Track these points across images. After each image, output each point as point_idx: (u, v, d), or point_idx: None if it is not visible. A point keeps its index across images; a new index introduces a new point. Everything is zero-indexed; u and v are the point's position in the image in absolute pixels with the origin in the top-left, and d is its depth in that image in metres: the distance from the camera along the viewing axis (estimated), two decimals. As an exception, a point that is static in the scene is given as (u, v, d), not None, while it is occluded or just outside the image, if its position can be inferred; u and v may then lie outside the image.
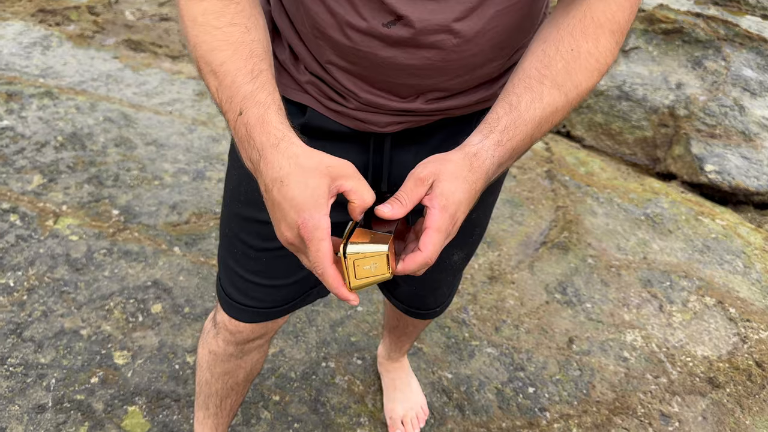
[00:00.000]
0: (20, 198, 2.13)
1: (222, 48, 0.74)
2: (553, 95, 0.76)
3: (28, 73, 2.80)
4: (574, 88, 0.77)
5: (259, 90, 0.72)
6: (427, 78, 0.85)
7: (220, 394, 1.27)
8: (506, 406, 1.71)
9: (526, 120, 0.76)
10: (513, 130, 0.75)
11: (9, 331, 1.71)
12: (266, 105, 0.72)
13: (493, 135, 0.75)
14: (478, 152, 0.74)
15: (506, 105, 0.76)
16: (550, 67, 0.76)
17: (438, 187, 0.70)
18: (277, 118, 0.72)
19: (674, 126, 2.95)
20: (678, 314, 2.03)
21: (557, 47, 0.77)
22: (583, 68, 0.77)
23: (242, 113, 0.72)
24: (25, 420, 1.52)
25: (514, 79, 0.78)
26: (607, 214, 2.41)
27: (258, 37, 0.76)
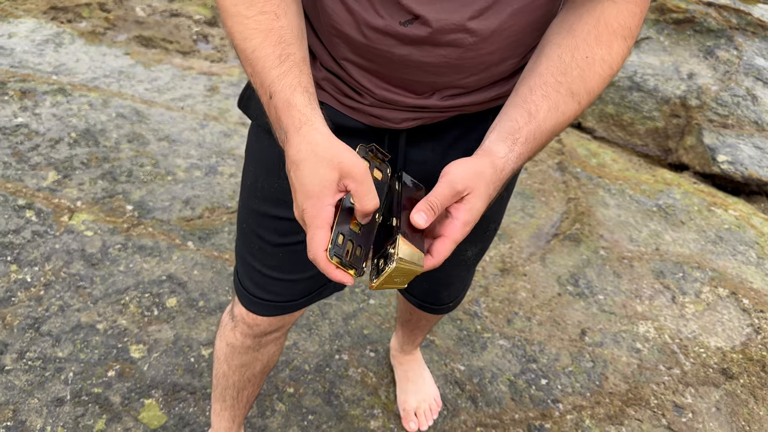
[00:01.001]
0: (36, 194, 2.15)
1: (253, 36, 0.76)
2: (569, 104, 0.79)
3: (41, 71, 2.82)
4: (586, 95, 0.79)
5: (286, 74, 0.74)
6: (442, 75, 0.86)
7: (237, 386, 1.29)
8: (519, 398, 1.71)
9: (544, 131, 0.78)
10: (532, 141, 0.78)
11: (27, 326, 1.74)
12: (292, 88, 0.74)
13: (517, 147, 0.77)
14: (504, 166, 0.76)
15: (525, 114, 0.78)
16: (566, 75, 0.78)
17: (469, 201, 0.73)
18: (303, 101, 0.74)
19: (686, 116, 2.93)
20: (691, 305, 2.02)
21: (573, 54, 0.78)
22: (596, 75, 0.79)
23: (272, 97, 0.75)
24: (44, 413, 1.55)
25: (531, 82, 0.79)
26: (619, 205, 2.40)
27: (288, 23, 0.77)
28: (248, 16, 0.76)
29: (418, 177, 1.00)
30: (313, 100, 0.75)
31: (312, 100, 0.74)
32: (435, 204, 0.72)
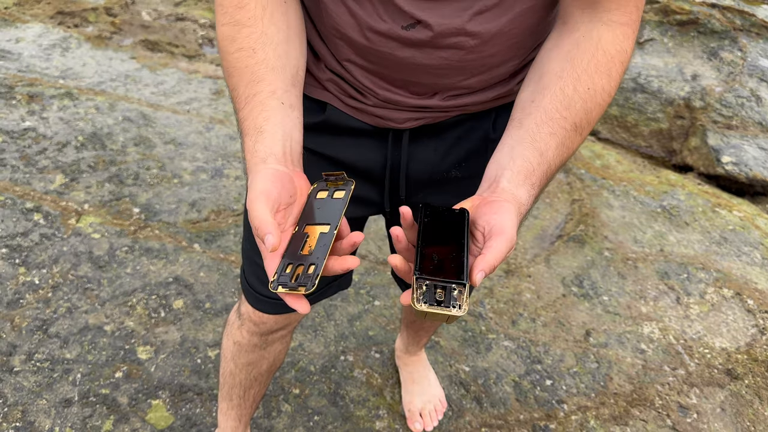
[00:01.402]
0: (43, 197, 2.17)
1: (232, 74, 0.80)
2: (573, 139, 0.79)
3: (48, 75, 2.84)
4: (587, 126, 0.80)
5: (246, 117, 0.78)
6: (444, 77, 0.87)
7: (244, 385, 1.30)
8: (524, 399, 1.72)
9: (553, 170, 0.79)
10: (545, 180, 0.79)
11: (35, 328, 1.75)
12: (246, 133, 0.77)
13: (534, 191, 0.77)
14: (525, 212, 0.76)
15: (537, 154, 0.77)
16: (570, 109, 0.78)
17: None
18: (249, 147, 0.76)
19: (690, 118, 2.93)
20: (695, 306, 2.03)
21: (575, 87, 0.78)
22: (597, 106, 0.80)
23: (240, 136, 0.80)
24: (53, 414, 1.56)
25: (537, 118, 0.79)
26: (623, 206, 2.40)
27: (264, 56, 0.79)
28: (230, 52, 0.79)
29: (420, 175, 1.01)
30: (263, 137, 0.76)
31: (258, 140, 0.76)
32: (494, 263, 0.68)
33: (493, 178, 0.78)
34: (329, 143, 0.97)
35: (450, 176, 1.02)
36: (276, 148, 0.75)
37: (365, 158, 0.98)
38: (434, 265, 0.67)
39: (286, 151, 0.76)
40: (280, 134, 0.76)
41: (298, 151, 0.80)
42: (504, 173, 0.77)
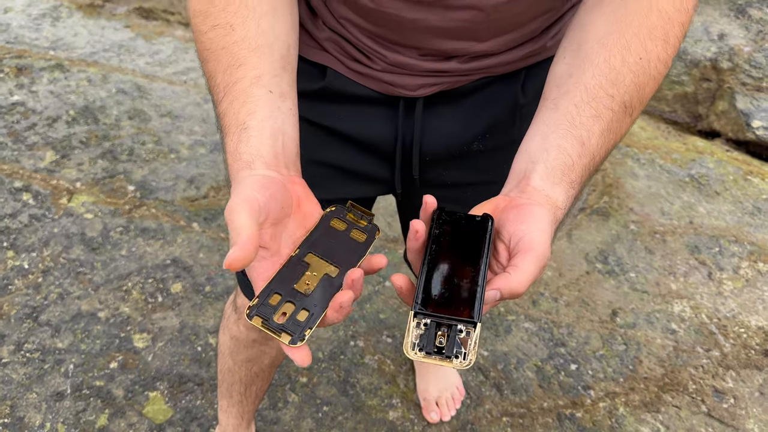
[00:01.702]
0: (33, 176, 2.05)
1: (207, 58, 0.64)
2: (622, 122, 0.64)
3: (38, 46, 2.70)
4: (639, 105, 0.64)
5: (226, 111, 0.62)
6: (461, 41, 0.74)
7: (245, 382, 1.19)
8: (547, 385, 1.60)
9: (597, 162, 0.63)
10: (587, 177, 0.63)
11: (25, 315, 1.65)
12: (226, 131, 0.62)
13: (573, 190, 0.62)
14: (562, 215, 0.61)
15: (577, 143, 0.62)
16: (618, 85, 0.62)
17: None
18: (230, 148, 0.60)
19: (717, 80, 2.77)
20: (729, 282, 1.89)
21: (623, 57, 0.62)
22: (652, 79, 0.64)
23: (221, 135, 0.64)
24: (43, 408, 1.46)
25: (576, 98, 0.63)
26: (649, 176, 2.26)
27: (245, 33, 0.63)
28: (203, 31, 0.64)
29: (436, 149, 0.87)
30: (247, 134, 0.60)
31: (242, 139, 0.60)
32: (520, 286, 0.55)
33: (523, 174, 0.62)
34: (330, 113, 0.84)
35: (472, 150, 0.88)
36: (264, 149, 0.59)
37: (372, 130, 0.85)
38: (440, 295, 0.53)
39: (277, 152, 0.60)
40: (268, 131, 0.60)
41: (294, 151, 0.63)
42: (536, 168, 0.61)
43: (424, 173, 0.89)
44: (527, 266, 0.54)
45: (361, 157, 0.88)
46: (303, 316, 0.54)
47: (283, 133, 0.62)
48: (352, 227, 0.62)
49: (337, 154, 0.88)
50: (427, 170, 0.89)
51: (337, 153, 0.88)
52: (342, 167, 0.89)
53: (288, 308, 0.54)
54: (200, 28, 0.64)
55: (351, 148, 0.87)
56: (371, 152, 0.87)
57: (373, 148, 0.86)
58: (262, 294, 0.55)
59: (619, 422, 1.53)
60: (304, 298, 0.55)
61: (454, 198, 0.95)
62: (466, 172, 0.91)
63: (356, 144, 0.86)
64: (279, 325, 0.53)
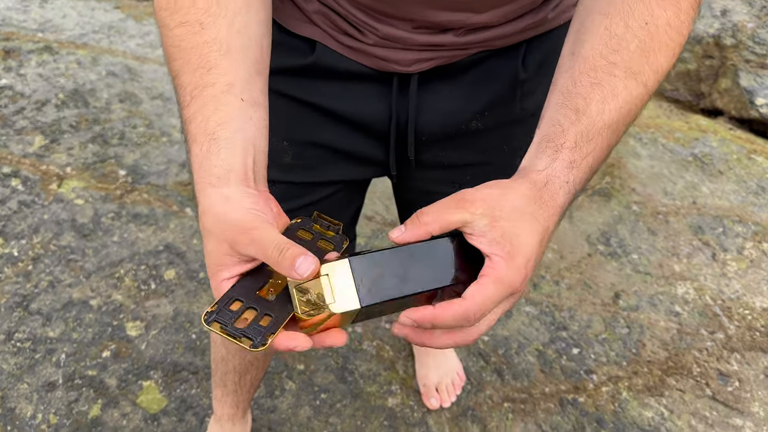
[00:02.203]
0: (21, 161, 2.00)
1: (174, 57, 0.58)
2: (630, 87, 0.57)
3: (25, 28, 2.64)
4: (653, 73, 0.57)
5: (193, 118, 0.56)
6: (457, 12, 0.69)
7: (239, 371, 1.16)
8: (549, 369, 1.58)
9: (601, 127, 0.56)
10: (587, 144, 0.56)
11: (15, 304, 1.61)
12: (192, 139, 0.56)
13: (563, 154, 0.55)
14: (549, 180, 0.55)
15: (570, 111, 0.56)
16: (621, 51, 0.57)
17: (497, 227, 0.51)
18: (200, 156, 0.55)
19: (720, 57, 2.71)
20: (733, 263, 1.86)
21: (626, 23, 0.57)
22: (663, 46, 0.57)
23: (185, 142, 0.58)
24: (35, 399, 1.43)
25: (573, 70, 0.58)
26: (651, 155, 2.22)
27: (216, 33, 0.57)
28: (169, 27, 0.58)
29: (432, 128, 0.83)
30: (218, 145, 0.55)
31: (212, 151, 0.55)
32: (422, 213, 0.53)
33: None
34: (320, 90, 0.79)
35: (470, 129, 0.84)
36: (236, 163, 0.54)
37: (365, 109, 0.80)
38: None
39: (247, 166, 0.55)
40: (240, 143, 0.55)
41: (263, 164, 0.58)
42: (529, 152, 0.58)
43: (420, 154, 0.85)
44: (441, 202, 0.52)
45: (354, 137, 0.84)
46: (266, 321, 0.51)
47: (254, 145, 0.57)
48: (319, 237, 0.60)
49: (328, 135, 0.83)
50: (423, 150, 0.85)
51: (328, 133, 0.83)
52: (334, 148, 0.85)
53: (250, 314, 0.52)
54: (167, 23, 0.58)
55: (343, 128, 0.82)
56: (364, 132, 0.83)
57: (366, 127, 0.82)
58: (221, 301, 0.52)
59: (622, 406, 1.50)
60: (266, 304, 0.52)
61: (452, 179, 0.91)
62: (463, 152, 0.87)
63: (348, 123, 0.82)
64: (239, 330, 0.51)
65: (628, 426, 1.47)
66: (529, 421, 1.47)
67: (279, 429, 1.42)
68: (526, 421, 1.47)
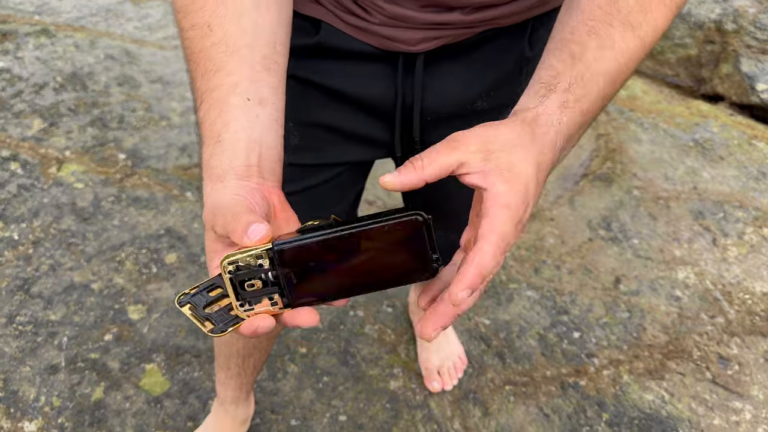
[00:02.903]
0: (20, 144, 1.99)
1: (189, 59, 0.59)
2: (627, 39, 0.56)
3: (22, 11, 2.61)
4: (651, 29, 0.57)
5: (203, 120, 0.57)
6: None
7: (242, 354, 1.16)
8: (550, 353, 1.58)
9: (596, 73, 0.55)
10: (581, 87, 0.55)
11: (16, 287, 1.61)
12: (202, 140, 0.57)
13: (554, 95, 0.54)
14: (537, 116, 0.53)
15: (566, 56, 0.56)
16: (618, 3, 0.56)
17: (492, 159, 0.50)
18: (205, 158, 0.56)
19: (721, 42, 2.70)
20: (733, 248, 1.86)
21: None
22: (660, 4, 0.57)
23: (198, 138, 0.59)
24: (38, 381, 1.43)
25: (571, 22, 0.58)
26: (652, 141, 2.21)
27: (223, 35, 0.57)
28: (184, 29, 0.58)
29: (438, 108, 0.82)
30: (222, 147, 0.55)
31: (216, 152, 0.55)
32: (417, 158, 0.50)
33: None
34: (325, 70, 0.78)
35: (476, 108, 0.83)
36: (237, 163, 0.54)
37: (370, 89, 0.79)
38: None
39: (251, 164, 0.55)
40: (243, 143, 0.55)
41: (273, 159, 0.57)
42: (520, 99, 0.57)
43: (425, 134, 0.84)
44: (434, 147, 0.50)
45: (359, 117, 0.83)
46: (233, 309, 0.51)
47: (260, 143, 0.56)
48: None
49: (332, 115, 0.83)
50: (428, 131, 0.84)
51: (332, 113, 0.83)
52: (338, 129, 0.84)
53: (225, 302, 0.52)
54: (182, 26, 0.58)
55: (347, 108, 0.82)
56: (369, 112, 0.82)
57: (371, 107, 0.81)
58: (203, 285, 0.52)
59: (623, 390, 1.51)
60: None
61: None
62: None
63: (353, 103, 0.81)
64: (206, 314, 0.51)
65: (629, 409, 1.47)
66: (531, 404, 1.48)
67: (282, 412, 1.43)
68: (527, 404, 1.48)
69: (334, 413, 1.43)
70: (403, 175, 0.50)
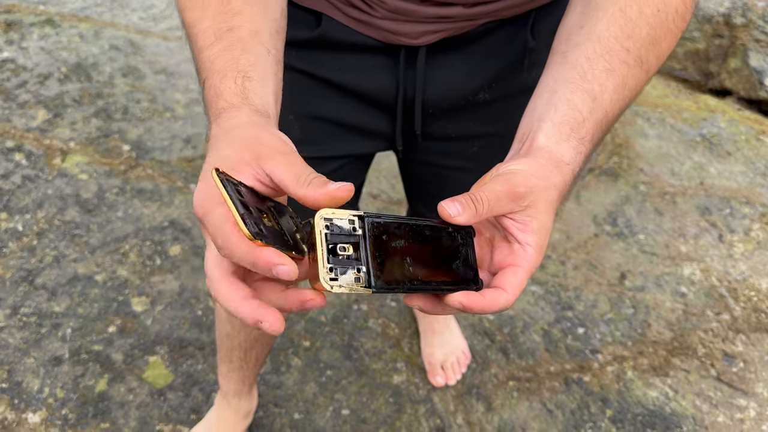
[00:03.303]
0: (25, 135, 1.99)
1: (191, 6, 0.57)
2: (637, 77, 0.58)
3: (27, 0, 2.60)
4: (656, 60, 0.59)
5: (220, 54, 0.54)
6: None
7: (244, 347, 1.15)
8: (554, 349, 1.58)
9: (610, 119, 0.58)
10: (599, 135, 0.57)
11: (20, 279, 1.61)
12: (222, 73, 0.53)
13: (583, 147, 0.56)
14: (573, 171, 0.55)
15: (588, 97, 0.56)
16: (634, 38, 0.57)
17: (537, 219, 0.51)
18: (232, 89, 0.52)
19: (730, 36, 2.67)
20: (740, 244, 1.85)
21: (640, 8, 0.57)
22: (669, 33, 0.58)
23: (204, 83, 0.55)
24: (42, 373, 1.43)
25: (588, 50, 0.57)
26: (659, 135, 2.20)
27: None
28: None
29: (439, 100, 0.81)
30: (253, 85, 0.53)
31: (247, 87, 0.53)
32: (480, 198, 0.49)
33: (528, 132, 0.56)
34: (326, 62, 0.78)
35: (477, 100, 0.83)
36: (272, 106, 0.52)
37: (372, 81, 0.79)
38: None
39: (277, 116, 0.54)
40: (272, 90, 0.53)
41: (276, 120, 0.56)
42: (542, 126, 0.56)
43: (427, 126, 0.84)
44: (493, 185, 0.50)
45: (360, 109, 0.82)
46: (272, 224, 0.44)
47: (279, 102, 0.55)
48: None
49: (334, 108, 0.82)
50: (430, 123, 0.84)
51: (334, 106, 0.82)
52: (339, 121, 0.84)
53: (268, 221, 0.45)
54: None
55: (349, 101, 0.81)
56: (370, 104, 0.82)
57: (372, 100, 0.81)
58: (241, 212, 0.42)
59: (627, 386, 1.51)
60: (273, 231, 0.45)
61: (458, 152, 0.90)
62: (471, 124, 0.86)
63: (354, 96, 0.81)
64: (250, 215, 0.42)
65: (633, 405, 1.47)
66: (534, 399, 1.47)
67: (285, 405, 1.43)
68: (531, 400, 1.47)
69: (337, 407, 1.43)
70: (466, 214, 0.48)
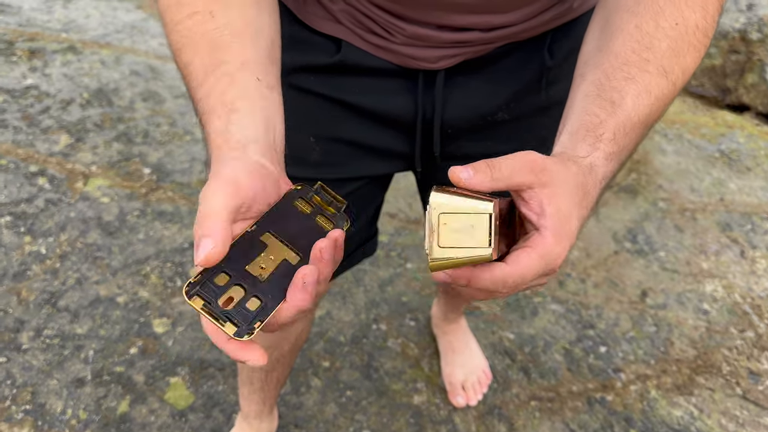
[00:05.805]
0: (48, 160, 2.02)
1: (184, 49, 0.57)
2: (662, 85, 0.56)
3: (50, 28, 2.67)
4: (681, 73, 0.57)
5: (209, 93, 0.55)
6: (480, 14, 0.69)
7: (265, 368, 1.16)
8: (576, 368, 1.56)
9: (635, 122, 0.55)
10: (623, 138, 0.54)
11: (43, 301, 1.63)
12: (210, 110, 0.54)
13: (603, 145, 0.53)
14: (592, 168, 0.52)
15: (606, 103, 0.55)
16: (653, 49, 0.56)
17: (554, 202, 0.48)
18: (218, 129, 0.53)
19: (746, 52, 2.67)
20: (762, 260, 1.83)
21: (657, 23, 0.56)
22: (691, 47, 0.57)
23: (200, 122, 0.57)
24: (65, 395, 1.44)
25: (605, 66, 0.57)
26: (677, 152, 2.19)
27: (226, 20, 0.57)
28: (178, 21, 0.57)
29: (458, 122, 0.82)
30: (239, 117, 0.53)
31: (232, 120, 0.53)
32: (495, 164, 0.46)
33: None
34: (345, 86, 0.79)
35: (496, 119, 0.83)
36: (259, 134, 0.52)
37: (391, 103, 0.80)
38: None
39: (269, 142, 0.53)
40: (260, 117, 0.53)
41: (282, 148, 0.56)
42: (558, 140, 0.56)
43: (446, 147, 0.84)
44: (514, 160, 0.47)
45: (379, 131, 0.83)
46: (254, 305, 0.45)
47: (274, 126, 0.55)
48: (318, 212, 0.54)
49: (353, 130, 0.83)
50: (449, 143, 0.84)
51: (353, 128, 0.83)
52: (358, 143, 0.84)
53: (236, 293, 0.45)
54: (174, 18, 0.57)
55: (368, 123, 0.82)
56: (389, 126, 0.83)
57: (391, 122, 0.82)
58: (208, 271, 0.45)
59: (650, 405, 1.48)
60: (256, 284, 0.46)
61: None
62: (490, 143, 0.86)
63: (373, 118, 0.81)
64: (224, 312, 0.44)
65: (657, 425, 1.45)
66: (557, 419, 1.46)
67: (305, 426, 1.42)
68: (553, 420, 1.46)
69: (358, 428, 1.43)
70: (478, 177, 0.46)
